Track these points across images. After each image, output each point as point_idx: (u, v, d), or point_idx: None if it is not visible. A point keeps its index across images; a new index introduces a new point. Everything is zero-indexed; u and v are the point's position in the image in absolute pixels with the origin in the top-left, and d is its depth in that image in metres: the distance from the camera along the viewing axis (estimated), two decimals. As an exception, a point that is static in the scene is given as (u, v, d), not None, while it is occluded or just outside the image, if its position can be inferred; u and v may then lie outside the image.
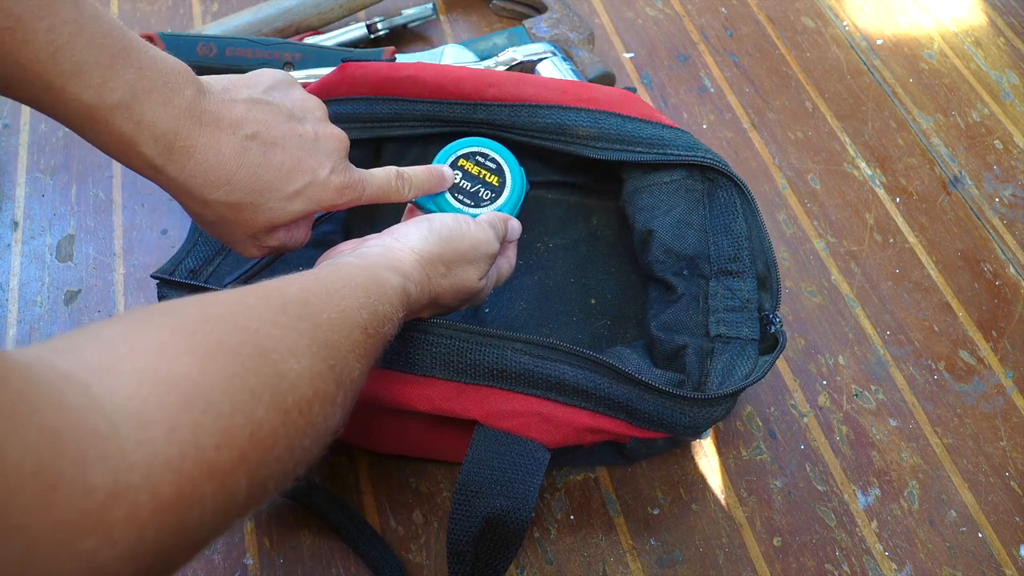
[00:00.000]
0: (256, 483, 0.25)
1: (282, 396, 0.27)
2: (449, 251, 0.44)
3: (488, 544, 0.44)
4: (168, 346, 0.25)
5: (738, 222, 0.53)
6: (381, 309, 0.36)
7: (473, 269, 0.45)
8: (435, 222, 0.45)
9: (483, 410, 0.46)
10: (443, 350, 0.46)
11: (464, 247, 0.45)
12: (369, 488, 0.55)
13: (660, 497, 0.56)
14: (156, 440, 0.22)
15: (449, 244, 0.44)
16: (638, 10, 0.83)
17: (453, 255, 0.44)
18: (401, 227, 0.45)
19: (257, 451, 0.25)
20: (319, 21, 0.75)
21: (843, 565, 0.54)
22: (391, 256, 0.41)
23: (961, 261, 0.69)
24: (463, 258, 0.45)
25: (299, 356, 0.29)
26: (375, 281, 0.37)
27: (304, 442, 0.28)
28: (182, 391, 0.23)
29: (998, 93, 0.80)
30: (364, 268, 0.38)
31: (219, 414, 0.24)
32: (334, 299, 0.33)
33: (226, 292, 0.30)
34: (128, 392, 0.22)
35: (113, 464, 0.20)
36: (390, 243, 0.43)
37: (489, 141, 0.54)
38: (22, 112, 0.71)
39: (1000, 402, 0.62)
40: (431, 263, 0.43)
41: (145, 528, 0.21)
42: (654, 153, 0.54)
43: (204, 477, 0.23)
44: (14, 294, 0.62)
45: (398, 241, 0.43)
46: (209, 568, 0.51)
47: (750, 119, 0.76)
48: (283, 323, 0.29)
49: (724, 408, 0.47)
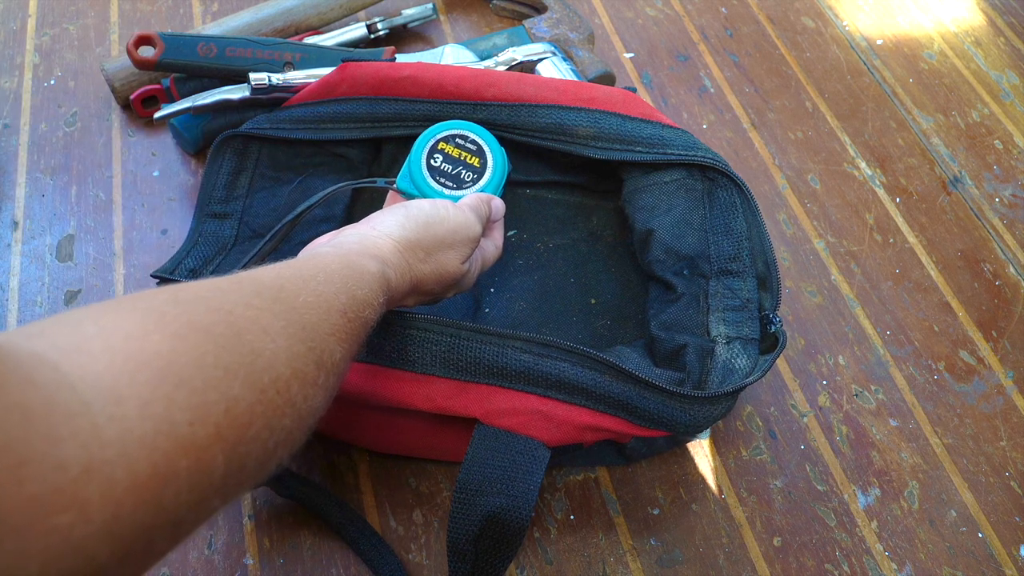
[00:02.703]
0: (234, 461, 0.25)
1: (257, 374, 0.27)
2: (427, 236, 0.44)
3: (488, 543, 0.44)
4: (138, 326, 0.24)
5: (738, 222, 0.53)
6: (360, 294, 0.36)
7: (454, 253, 0.45)
8: (411, 208, 0.45)
9: (483, 408, 0.46)
10: (443, 348, 0.46)
11: (442, 232, 0.44)
12: (369, 488, 0.55)
13: (660, 497, 0.56)
14: (129, 416, 0.22)
15: (427, 229, 0.44)
16: (638, 10, 0.83)
17: (432, 240, 0.44)
18: (377, 215, 0.45)
19: (233, 428, 0.25)
20: (319, 21, 0.75)
21: (843, 565, 0.54)
22: (367, 243, 0.41)
23: (961, 261, 0.69)
24: (442, 243, 0.44)
25: (274, 336, 0.28)
26: (352, 267, 0.37)
27: (284, 421, 0.28)
28: (154, 368, 0.23)
29: (998, 93, 0.80)
30: (340, 256, 0.38)
31: (192, 390, 0.24)
32: (310, 284, 0.33)
33: (199, 280, 0.30)
34: (99, 370, 0.22)
35: (85, 440, 0.20)
36: (366, 231, 0.43)
37: (469, 123, 0.54)
38: (22, 112, 0.71)
39: (1000, 402, 0.62)
40: (409, 249, 0.42)
41: (121, 505, 0.21)
42: (654, 153, 0.54)
43: (179, 453, 0.23)
44: (14, 294, 0.62)
45: (375, 229, 0.43)
46: (209, 568, 0.51)
47: (750, 119, 0.76)
48: (257, 305, 0.29)
49: (724, 407, 0.47)
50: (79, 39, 0.76)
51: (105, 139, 0.70)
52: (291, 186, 0.60)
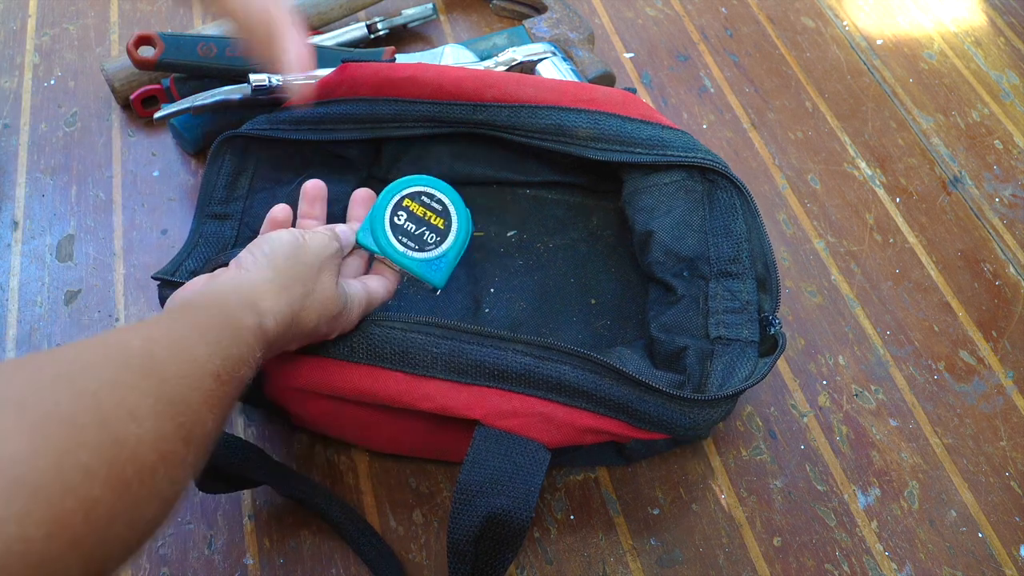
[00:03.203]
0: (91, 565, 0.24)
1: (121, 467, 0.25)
2: (299, 267, 0.42)
3: (488, 544, 0.44)
4: None
5: (738, 223, 0.53)
6: (235, 352, 0.34)
7: (327, 276, 0.43)
8: (275, 243, 0.43)
9: (484, 410, 0.46)
10: (444, 350, 0.46)
11: (309, 258, 0.43)
12: (369, 488, 0.55)
13: (660, 497, 0.56)
14: None
15: (297, 259, 0.42)
16: (638, 10, 0.83)
17: (304, 269, 0.42)
18: (245, 256, 0.42)
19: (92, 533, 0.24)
20: (319, 21, 0.75)
21: (843, 565, 0.54)
22: (243, 291, 0.39)
23: (961, 261, 0.69)
24: (311, 268, 0.43)
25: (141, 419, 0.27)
26: (227, 322, 0.35)
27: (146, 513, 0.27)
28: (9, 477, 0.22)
29: (998, 93, 0.80)
30: (214, 308, 0.36)
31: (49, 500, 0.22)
32: (183, 347, 0.31)
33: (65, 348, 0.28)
34: None
35: None
36: (240, 277, 0.40)
37: (435, 180, 0.52)
38: (22, 112, 0.71)
39: (1000, 402, 0.62)
40: (285, 287, 0.40)
41: None
42: (654, 154, 0.54)
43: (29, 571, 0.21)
44: (14, 294, 0.62)
45: (248, 272, 0.41)
46: (209, 568, 0.51)
47: (750, 119, 0.76)
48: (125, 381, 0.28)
49: (724, 410, 0.47)
50: (79, 39, 0.76)
51: (105, 139, 0.70)
52: (291, 186, 0.60)
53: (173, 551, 0.52)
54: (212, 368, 0.32)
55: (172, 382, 0.30)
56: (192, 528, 0.53)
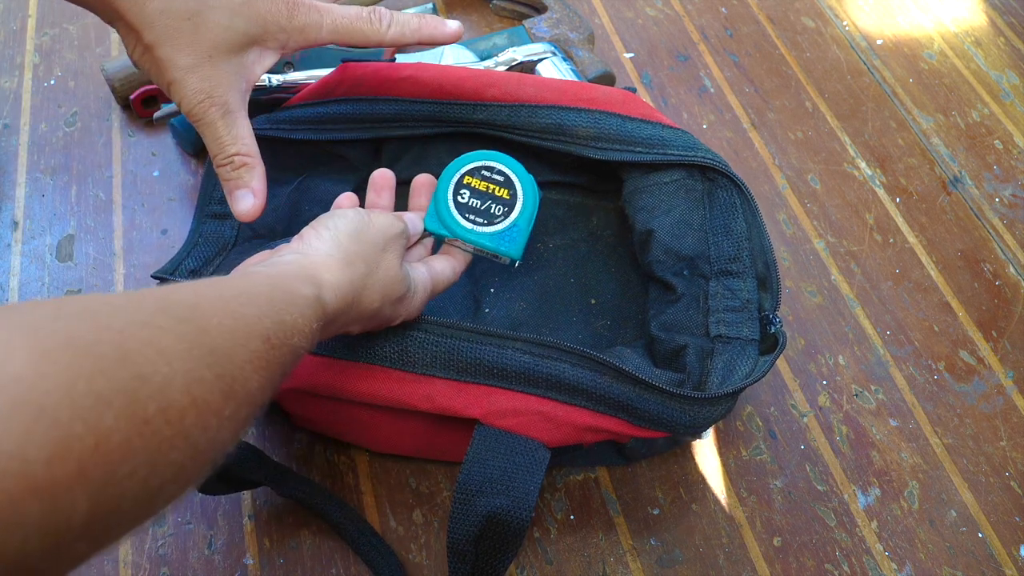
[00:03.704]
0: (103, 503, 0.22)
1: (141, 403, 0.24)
2: (363, 245, 0.41)
3: (488, 544, 0.44)
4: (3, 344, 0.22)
5: (738, 222, 0.53)
6: (289, 319, 0.33)
7: (391, 255, 0.43)
8: (339, 220, 0.42)
9: (483, 409, 0.46)
10: (443, 349, 0.46)
11: (373, 235, 0.42)
12: (369, 488, 0.55)
13: (660, 497, 0.56)
14: None
15: (361, 237, 0.42)
16: (638, 10, 0.83)
17: (368, 247, 0.42)
18: (308, 233, 0.42)
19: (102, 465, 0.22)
20: (319, 21, 0.75)
21: (843, 565, 0.54)
22: (304, 265, 0.38)
23: (961, 261, 0.69)
24: (376, 247, 0.42)
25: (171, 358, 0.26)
26: (283, 289, 0.34)
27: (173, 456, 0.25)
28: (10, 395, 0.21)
29: (998, 93, 0.80)
30: (271, 277, 0.36)
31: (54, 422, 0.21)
32: (230, 305, 0.30)
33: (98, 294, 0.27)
34: None
35: None
36: (301, 249, 0.40)
37: (494, 153, 0.52)
38: (22, 112, 0.71)
39: (1000, 402, 0.62)
40: (349, 263, 0.40)
41: None
42: (654, 153, 0.54)
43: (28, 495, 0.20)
44: (14, 294, 0.62)
45: (310, 247, 0.40)
46: (209, 568, 0.51)
47: (750, 119, 0.76)
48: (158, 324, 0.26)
49: (724, 408, 0.47)
50: (79, 39, 0.76)
51: (105, 139, 0.70)
52: (291, 186, 0.60)
53: (173, 551, 0.52)
54: (261, 329, 0.31)
55: (213, 333, 0.28)
56: (192, 528, 0.53)
